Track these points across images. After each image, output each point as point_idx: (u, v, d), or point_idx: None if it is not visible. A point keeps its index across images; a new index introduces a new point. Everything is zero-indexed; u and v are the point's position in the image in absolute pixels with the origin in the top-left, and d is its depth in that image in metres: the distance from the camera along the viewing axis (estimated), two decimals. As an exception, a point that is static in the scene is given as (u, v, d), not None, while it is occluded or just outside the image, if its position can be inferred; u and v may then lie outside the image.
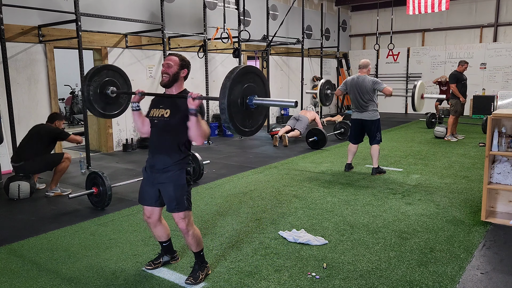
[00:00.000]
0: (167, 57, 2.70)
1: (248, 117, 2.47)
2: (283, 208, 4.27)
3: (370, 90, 5.41)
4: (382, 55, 14.16)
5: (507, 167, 3.80)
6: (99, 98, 3.18)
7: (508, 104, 10.50)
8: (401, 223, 3.80)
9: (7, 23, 5.87)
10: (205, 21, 8.33)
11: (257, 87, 2.51)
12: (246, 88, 2.41)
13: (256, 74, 2.52)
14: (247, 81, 2.42)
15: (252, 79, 2.48)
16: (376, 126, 5.52)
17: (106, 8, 7.27)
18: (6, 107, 5.57)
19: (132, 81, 8.32)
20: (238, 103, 2.37)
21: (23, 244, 3.46)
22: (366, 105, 5.47)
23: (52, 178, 4.89)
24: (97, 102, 3.16)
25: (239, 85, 2.36)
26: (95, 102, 3.13)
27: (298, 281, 2.77)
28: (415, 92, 5.45)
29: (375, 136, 5.53)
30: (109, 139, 7.62)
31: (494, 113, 3.69)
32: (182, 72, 2.69)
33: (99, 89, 3.16)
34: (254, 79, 2.50)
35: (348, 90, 5.63)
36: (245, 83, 2.40)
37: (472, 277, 2.81)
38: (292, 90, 12.29)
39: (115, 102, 3.35)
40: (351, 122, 5.83)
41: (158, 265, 2.98)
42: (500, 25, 12.42)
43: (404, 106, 14.03)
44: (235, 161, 6.72)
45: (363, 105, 5.49)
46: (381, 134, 5.60)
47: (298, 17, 11.35)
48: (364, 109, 5.50)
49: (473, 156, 6.75)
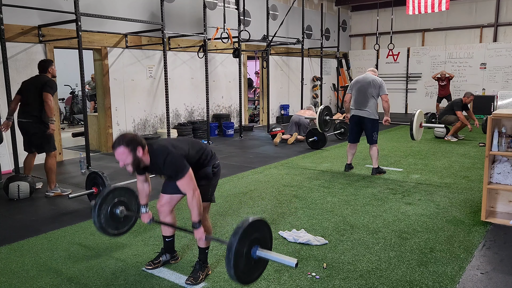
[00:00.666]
0: (115, 154, 2.50)
1: (249, 266, 2.37)
2: (283, 208, 4.27)
3: (376, 85, 5.40)
4: (382, 55, 14.16)
5: (507, 167, 3.80)
6: (111, 221, 3.07)
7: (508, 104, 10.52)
8: (401, 223, 3.80)
9: (7, 23, 5.86)
10: (205, 21, 8.33)
11: (261, 238, 2.41)
12: (252, 240, 2.34)
13: (263, 225, 2.44)
14: (253, 232, 2.35)
15: (258, 230, 2.39)
16: (373, 125, 5.49)
17: (106, 8, 7.27)
18: (6, 107, 5.56)
19: (132, 81, 8.35)
20: (244, 254, 2.31)
21: (23, 244, 3.46)
22: (367, 102, 5.41)
23: (47, 178, 4.89)
24: (110, 226, 3.05)
25: (245, 239, 2.30)
26: (108, 227, 3.02)
27: (298, 281, 2.77)
28: (413, 121, 5.33)
29: (372, 136, 5.51)
30: (109, 139, 7.62)
31: (494, 113, 3.69)
32: (138, 152, 2.51)
33: (109, 215, 3.04)
34: (260, 229, 2.40)
35: (352, 87, 5.59)
36: (252, 236, 2.34)
37: (472, 277, 2.81)
38: (292, 90, 12.30)
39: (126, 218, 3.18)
40: (349, 120, 5.77)
41: (158, 264, 2.99)
42: (500, 25, 12.42)
43: (404, 106, 14.03)
44: (235, 161, 6.72)
45: (363, 102, 5.43)
46: (377, 135, 5.56)
47: (298, 17, 11.35)
48: (363, 106, 5.45)
49: (473, 156, 6.76)
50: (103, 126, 7.64)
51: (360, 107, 5.49)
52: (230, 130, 9.42)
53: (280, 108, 11.92)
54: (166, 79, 7.48)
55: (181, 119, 8.97)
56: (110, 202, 2.94)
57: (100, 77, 7.49)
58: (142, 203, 2.86)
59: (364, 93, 5.44)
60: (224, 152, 7.49)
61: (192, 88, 9.16)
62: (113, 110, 7.62)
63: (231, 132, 9.43)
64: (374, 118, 5.49)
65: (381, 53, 14.08)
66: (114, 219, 2.96)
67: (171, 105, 8.30)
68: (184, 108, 9.04)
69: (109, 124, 7.58)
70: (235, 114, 10.33)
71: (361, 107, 5.48)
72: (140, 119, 8.11)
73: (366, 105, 5.44)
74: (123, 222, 3.03)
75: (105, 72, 7.42)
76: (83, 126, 6.39)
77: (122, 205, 2.98)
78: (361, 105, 5.48)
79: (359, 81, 5.55)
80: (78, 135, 9.14)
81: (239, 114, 9.45)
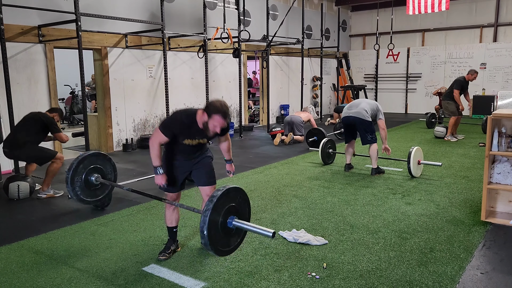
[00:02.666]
0: (221, 123, 2.81)
1: (226, 237, 2.47)
2: (283, 208, 4.27)
3: (375, 108, 5.55)
4: (382, 55, 14.16)
5: (507, 167, 3.80)
6: (88, 190, 3.16)
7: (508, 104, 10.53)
8: (401, 223, 3.80)
9: (7, 23, 5.87)
10: (205, 21, 8.33)
11: (240, 208, 2.52)
12: (227, 209, 2.43)
13: (240, 194, 2.55)
14: (230, 202, 2.44)
15: (236, 199, 2.50)
16: (366, 126, 5.46)
17: (106, 8, 7.27)
18: (6, 107, 5.57)
19: (132, 81, 8.35)
20: (219, 224, 2.39)
21: (23, 244, 3.46)
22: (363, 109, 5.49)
23: (44, 179, 4.89)
24: (88, 195, 3.14)
25: (220, 207, 2.39)
26: (86, 197, 3.11)
27: (298, 281, 2.77)
28: (410, 158, 5.31)
29: (366, 137, 5.51)
30: (109, 139, 7.62)
31: (494, 113, 3.69)
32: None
33: (84, 184, 3.13)
34: (238, 199, 2.52)
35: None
36: (226, 205, 2.42)
37: (472, 277, 2.81)
38: (292, 90, 12.29)
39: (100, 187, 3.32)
40: (342, 120, 5.81)
41: (171, 253, 3.17)
42: (500, 25, 12.42)
43: (404, 106, 14.03)
44: (235, 161, 6.65)
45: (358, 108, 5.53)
46: (372, 135, 5.49)
47: (298, 17, 11.35)
48: (357, 109, 5.51)
49: (473, 156, 6.76)
50: (103, 126, 7.64)
51: (353, 109, 5.57)
52: (230, 130, 9.41)
53: (280, 108, 11.92)
54: (166, 79, 7.48)
55: (181, 119, 8.95)
56: (82, 172, 3.01)
57: (100, 77, 7.49)
58: (156, 165, 2.94)
59: (365, 106, 5.56)
60: (224, 152, 7.49)
61: (192, 88, 9.16)
62: (113, 110, 7.62)
63: (231, 132, 9.44)
64: (367, 120, 5.50)
65: (381, 53, 14.08)
66: (90, 187, 3.04)
67: (171, 105, 8.30)
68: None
69: (109, 124, 7.58)
70: (235, 114, 10.33)
71: (353, 109, 5.56)
72: (140, 119, 8.11)
73: (361, 109, 5.50)
74: (101, 188, 3.12)
75: (105, 72, 7.42)
76: (83, 126, 6.39)
77: (97, 172, 3.08)
78: (355, 108, 5.55)
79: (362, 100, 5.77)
80: (78, 135, 9.13)
81: (239, 114, 9.45)
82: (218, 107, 2.77)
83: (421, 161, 5.51)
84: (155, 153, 2.91)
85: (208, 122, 2.80)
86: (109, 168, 3.39)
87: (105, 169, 3.34)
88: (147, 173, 5.71)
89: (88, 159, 3.19)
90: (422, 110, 13.42)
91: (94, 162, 3.20)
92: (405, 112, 13.96)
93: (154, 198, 3.24)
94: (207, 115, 2.79)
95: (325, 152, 6.28)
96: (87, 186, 3.07)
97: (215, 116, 2.76)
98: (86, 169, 3.10)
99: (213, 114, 2.76)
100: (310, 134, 7.68)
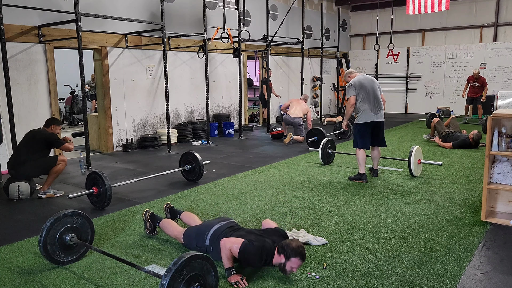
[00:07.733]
0: (299, 265, 2.73)
1: None
2: (283, 208, 4.27)
3: (379, 87, 5.22)
4: (382, 55, 14.16)
5: (507, 167, 3.80)
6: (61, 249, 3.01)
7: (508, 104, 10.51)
8: (401, 223, 3.80)
9: (7, 23, 5.86)
10: (205, 21, 8.33)
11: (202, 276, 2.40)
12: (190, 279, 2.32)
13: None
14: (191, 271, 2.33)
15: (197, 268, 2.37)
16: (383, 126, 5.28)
17: (106, 8, 7.27)
18: (6, 107, 5.57)
19: (132, 81, 8.35)
20: None
21: (23, 244, 3.46)
22: (381, 104, 5.12)
23: (46, 179, 4.89)
24: (59, 253, 2.99)
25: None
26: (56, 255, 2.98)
27: (298, 281, 2.77)
28: (411, 157, 5.27)
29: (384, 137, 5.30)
30: (109, 139, 7.62)
31: (494, 113, 3.69)
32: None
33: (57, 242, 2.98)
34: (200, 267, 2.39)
35: (359, 90, 5.08)
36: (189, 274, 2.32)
37: (472, 277, 2.81)
38: (292, 90, 12.29)
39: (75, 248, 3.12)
40: (363, 125, 5.11)
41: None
42: (500, 25, 12.42)
43: (404, 106, 14.03)
44: (235, 161, 6.72)
45: (380, 104, 5.10)
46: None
47: (298, 17, 11.35)
48: (380, 109, 5.10)
49: (473, 156, 6.75)
50: (103, 126, 7.64)
51: (377, 110, 5.09)
52: (230, 130, 9.43)
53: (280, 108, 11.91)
54: (166, 79, 7.48)
55: (181, 119, 8.97)
56: (58, 229, 2.98)
57: (100, 77, 7.49)
58: (227, 267, 2.80)
59: (375, 93, 5.09)
60: (224, 152, 7.50)
61: (192, 88, 9.16)
62: (113, 110, 7.62)
63: (231, 132, 9.44)
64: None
65: (381, 53, 14.08)
66: (64, 246, 3.02)
67: (171, 105, 8.30)
68: (184, 108, 9.04)
69: (109, 124, 7.58)
70: (235, 114, 10.33)
71: (378, 110, 5.09)
72: (140, 119, 8.11)
73: (381, 107, 5.14)
74: (75, 249, 3.09)
75: (105, 72, 7.42)
76: (83, 126, 6.39)
77: (73, 231, 3.05)
78: (379, 107, 5.10)
79: (371, 81, 5.16)
80: (78, 135, 9.14)
81: (239, 114, 9.45)
82: (295, 249, 2.67)
83: (421, 161, 5.51)
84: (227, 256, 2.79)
85: (285, 264, 2.69)
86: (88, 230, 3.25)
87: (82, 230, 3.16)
88: (147, 173, 5.71)
89: (68, 217, 3.04)
90: (422, 110, 13.43)
91: (74, 222, 3.08)
92: (405, 112, 13.96)
93: (124, 262, 2.85)
94: (284, 257, 2.69)
95: (325, 152, 6.27)
96: (61, 244, 2.99)
97: (294, 259, 2.67)
98: (62, 227, 3.00)
99: (292, 257, 2.67)
100: (310, 134, 7.67)
